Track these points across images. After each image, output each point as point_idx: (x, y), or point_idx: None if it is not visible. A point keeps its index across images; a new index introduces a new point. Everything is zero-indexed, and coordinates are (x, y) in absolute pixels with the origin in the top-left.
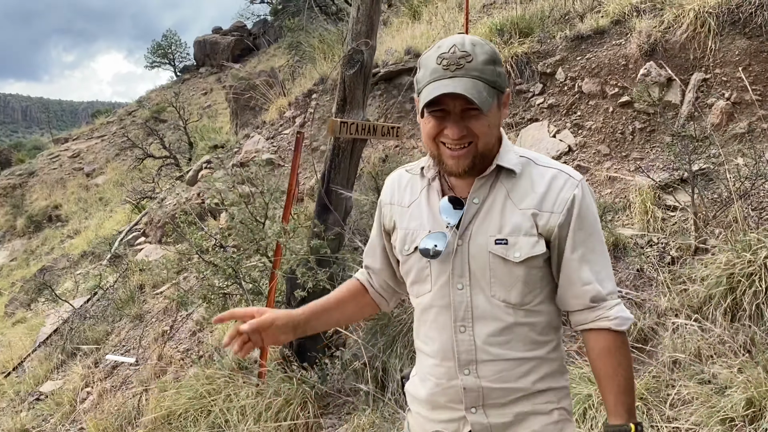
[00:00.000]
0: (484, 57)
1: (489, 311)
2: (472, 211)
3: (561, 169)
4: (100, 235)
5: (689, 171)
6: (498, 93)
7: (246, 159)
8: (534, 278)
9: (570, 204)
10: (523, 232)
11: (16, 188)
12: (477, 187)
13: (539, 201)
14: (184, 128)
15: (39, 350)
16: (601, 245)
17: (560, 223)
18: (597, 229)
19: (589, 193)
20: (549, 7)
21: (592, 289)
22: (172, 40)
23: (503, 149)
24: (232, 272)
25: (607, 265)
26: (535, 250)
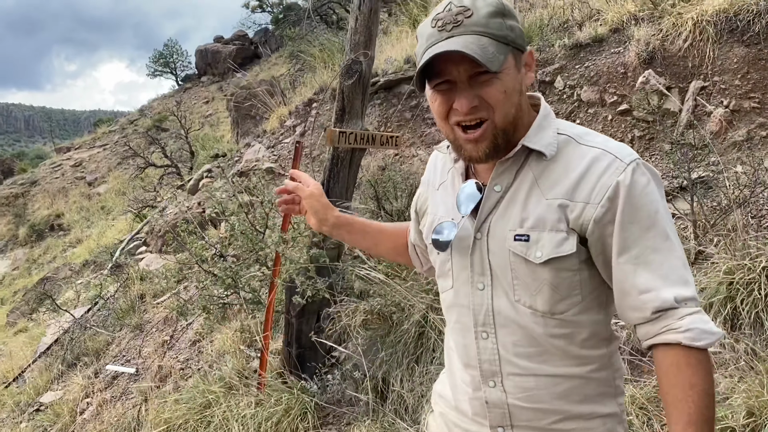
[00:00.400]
0: (487, 9)
1: (513, 317)
2: (492, 201)
3: (607, 148)
4: (101, 244)
5: (688, 179)
6: (513, 50)
7: (246, 168)
8: (566, 283)
9: (612, 193)
10: (548, 227)
11: (19, 197)
12: (499, 172)
13: (571, 188)
14: (185, 137)
15: (39, 360)
16: (667, 241)
17: (598, 217)
18: (660, 221)
19: (647, 177)
20: (548, 15)
21: (654, 298)
22: (173, 49)
23: (536, 125)
24: (231, 282)
25: (678, 265)
26: (561, 249)
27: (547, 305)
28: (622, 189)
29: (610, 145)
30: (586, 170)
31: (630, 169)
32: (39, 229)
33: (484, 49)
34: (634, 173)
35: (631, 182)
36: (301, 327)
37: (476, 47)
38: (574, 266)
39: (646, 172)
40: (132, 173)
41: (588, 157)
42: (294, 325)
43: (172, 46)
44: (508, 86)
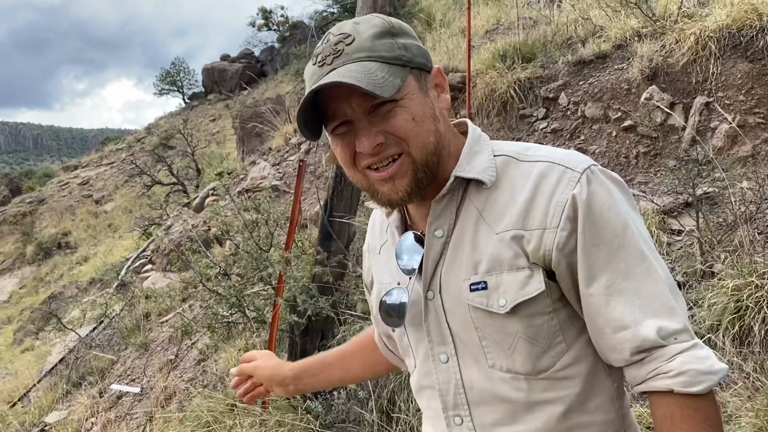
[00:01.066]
0: (372, 31)
1: (490, 390)
2: (436, 249)
3: (553, 159)
4: (108, 262)
5: (693, 195)
6: (414, 71)
7: (252, 186)
8: (544, 331)
9: (570, 211)
10: (506, 266)
11: (27, 216)
12: (436, 214)
13: (522, 215)
14: (192, 155)
15: (45, 380)
16: (643, 263)
17: (561, 244)
18: (631, 238)
19: (607, 187)
20: (551, 32)
21: (631, 336)
22: (180, 67)
23: (467, 151)
24: (236, 301)
25: (659, 291)
26: (527, 290)
27: (529, 363)
28: (580, 204)
29: (556, 155)
30: (535, 189)
31: (584, 178)
32: (46, 247)
33: (371, 75)
34: (591, 183)
35: (589, 194)
36: (305, 346)
37: (360, 74)
38: (547, 308)
39: (606, 179)
40: (139, 191)
41: (534, 174)
42: (298, 344)
43: (179, 64)
44: (416, 112)
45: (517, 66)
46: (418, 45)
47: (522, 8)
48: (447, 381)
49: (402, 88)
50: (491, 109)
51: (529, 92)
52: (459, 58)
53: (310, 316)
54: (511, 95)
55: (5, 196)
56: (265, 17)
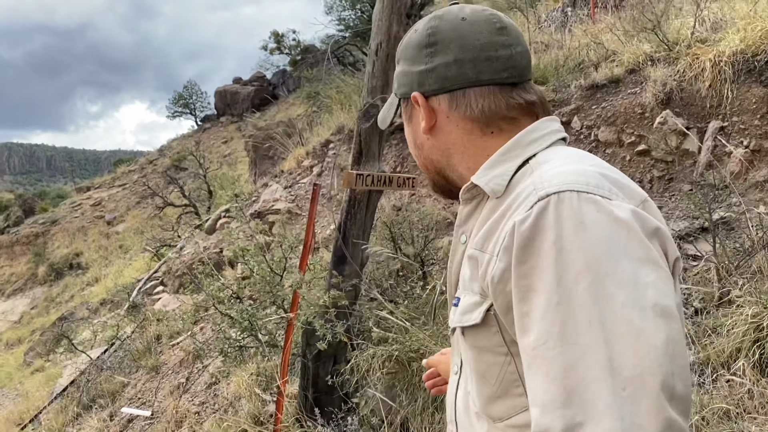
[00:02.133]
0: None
1: (464, 414)
2: (458, 256)
3: (536, 177)
4: (119, 283)
5: (710, 220)
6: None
7: (264, 208)
8: (495, 372)
9: (509, 240)
10: (467, 287)
11: (39, 236)
12: (462, 219)
13: (486, 234)
14: (204, 177)
15: (55, 402)
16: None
17: (495, 276)
18: (581, 295)
19: (574, 219)
20: (563, 56)
21: (537, 417)
22: (193, 90)
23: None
24: (248, 324)
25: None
26: (465, 317)
27: (480, 401)
28: (518, 235)
29: (548, 172)
30: (509, 207)
31: (540, 205)
32: (58, 268)
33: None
34: (546, 212)
35: (534, 225)
36: (317, 371)
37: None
38: (499, 348)
39: (581, 208)
40: (150, 212)
41: (518, 190)
42: (311, 368)
43: (191, 87)
44: (409, 139)
45: None
46: (407, 71)
47: (533, 32)
48: (451, 393)
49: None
50: None
51: None
52: None
53: (328, 341)
54: None
55: (18, 217)
56: (277, 41)
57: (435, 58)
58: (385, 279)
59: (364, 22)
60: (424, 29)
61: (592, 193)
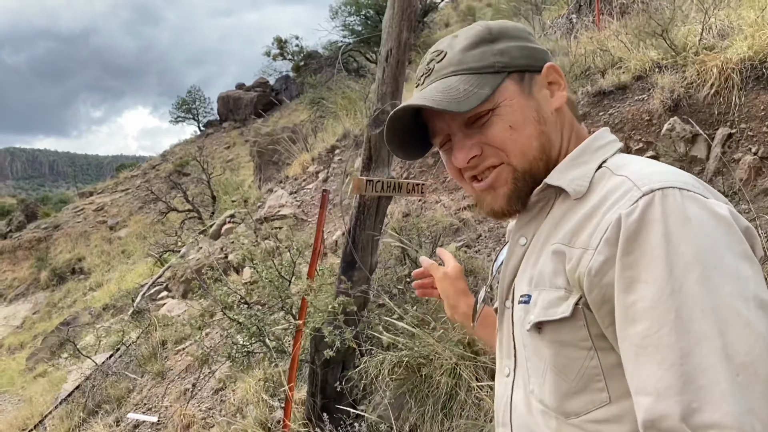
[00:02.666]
0: (465, 42)
1: (524, 417)
2: (516, 258)
3: (631, 174)
4: (122, 288)
5: None
6: (514, 74)
7: (269, 214)
8: (576, 368)
9: (613, 232)
10: (547, 283)
11: (42, 241)
12: (525, 221)
13: (573, 230)
14: (207, 182)
15: (60, 407)
16: (703, 320)
17: (593, 268)
18: (693, 285)
19: (680, 214)
20: (569, 63)
21: (648, 405)
22: (196, 95)
23: (568, 159)
24: (256, 330)
25: (717, 365)
26: (551, 311)
27: (554, 398)
28: (624, 228)
29: (643, 171)
30: (597, 206)
31: (646, 199)
32: (60, 273)
33: (451, 90)
34: (652, 206)
35: (642, 219)
36: (326, 377)
37: (436, 93)
38: (583, 342)
39: (685, 204)
40: (153, 218)
41: (607, 188)
42: (319, 374)
43: (194, 92)
44: (514, 119)
45: None
46: (523, 46)
47: (539, 39)
48: (501, 395)
49: (494, 96)
50: None
51: None
52: None
53: (336, 348)
54: None
55: (21, 222)
56: (280, 47)
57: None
58: (393, 284)
59: (369, 28)
60: (516, 24)
61: (691, 191)
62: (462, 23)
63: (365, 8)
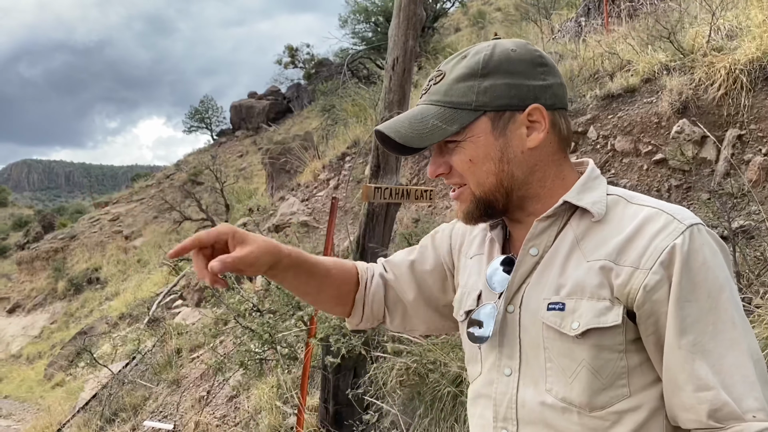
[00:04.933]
0: (459, 72)
1: (539, 414)
2: (527, 266)
3: (663, 208)
4: (138, 297)
5: (729, 229)
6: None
7: (282, 221)
8: (610, 368)
9: (667, 258)
10: (587, 294)
11: (58, 252)
12: (537, 232)
13: (618, 249)
14: (220, 191)
15: (78, 416)
16: (733, 330)
17: (649, 286)
18: (725, 304)
19: (709, 246)
20: (578, 66)
21: (712, 398)
22: (209, 105)
23: (580, 183)
24: (268, 337)
25: (743, 364)
26: (603, 319)
27: (585, 395)
28: (679, 255)
29: (666, 206)
30: (638, 230)
31: (689, 232)
32: (77, 283)
33: (419, 124)
34: (694, 239)
35: (690, 249)
36: (337, 383)
37: (408, 123)
38: (619, 346)
39: (711, 241)
40: (168, 227)
41: (640, 216)
42: (331, 381)
43: (207, 102)
44: (475, 154)
45: None
46: (513, 84)
47: (547, 43)
48: (504, 393)
49: (463, 131)
50: None
51: None
52: None
53: (343, 355)
54: None
55: (38, 233)
56: (291, 55)
57: (548, 78)
58: None
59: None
60: (530, 50)
61: (705, 226)
62: (472, 28)
63: (374, 15)
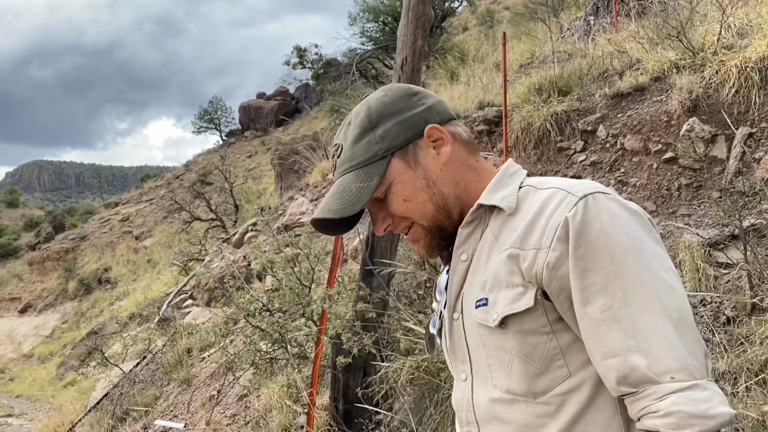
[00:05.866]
0: (351, 137)
1: (490, 410)
2: (460, 272)
3: (561, 185)
4: (148, 297)
5: (740, 227)
6: (396, 153)
7: (291, 221)
8: (540, 351)
9: (563, 232)
10: (504, 284)
11: (69, 252)
12: (462, 240)
13: (522, 235)
14: (230, 191)
15: (90, 415)
16: (643, 292)
17: (551, 263)
18: (631, 266)
19: (607, 212)
20: (587, 65)
21: (618, 364)
22: (218, 105)
23: (491, 185)
24: (278, 337)
25: (658, 325)
26: (516, 305)
27: (525, 383)
28: (572, 227)
29: (567, 183)
30: (539, 212)
31: (582, 203)
32: (87, 283)
33: (344, 195)
34: (588, 208)
35: (585, 218)
36: (347, 382)
37: (334, 200)
38: (543, 328)
39: (612, 206)
40: (178, 227)
41: (542, 198)
42: (341, 380)
43: (216, 102)
44: (406, 192)
45: (553, 99)
46: (401, 120)
47: (556, 42)
48: (461, 398)
49: (384, 179)
50: (528, 142)
51: (566, 125)
52: (494, 92)
53: (353, 354)
54: (548, 128)
55: (49, 233)
56: (299, 55)
57: (426, 101)
58: (413, 290)
59: (386, 35)
60: (398, 87)
61: (609, 194)
62: (480, 27)
63: (383, 15)
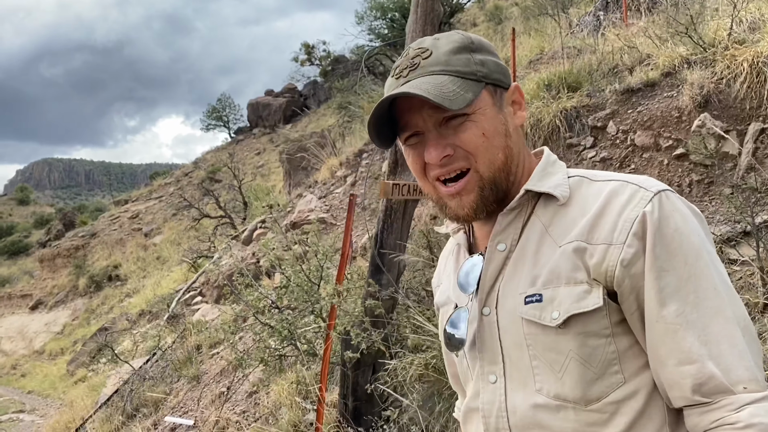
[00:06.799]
0: (450, 46)
1: (531, 417)
2: (497, 263)
3: (627, 179)
4: (158, 294)
5: (752, 224)
6: (489, 86)
7: (299, 219)
8: (599, 355)
9: (639, 227)
10: (563, 280)
11: (79, 249)
12: (502, 227)
13: (588, 228)
14: (238, 188)
15: (100, 411)
16: (715, 297)
17: (626, 260)
18: (704, 269)
19: (680, 212)
20: (597, 60)
21: (696, 371)
22: (226, 103)
23: (539, 169)
24: (288, 333)
25: (730, 333)
26: (583, 303)
27: (579, 388)
28: (650, 223)
29: (631, 177)
30: (605, 205)
31: (658, 199)
32: (97, 280)
33: (441, 87)
34: (664, 205)
35: (661, 216)
36: (357, 379)
37: (430, 86)
38: (605, 330)
39: (682, 204)
40: (187, 224)
41: (606, 191)
42: (350, 376)
43: (225, 100)
44: (487, 127)
45: (562, 95)
46: (497, 62)
47: (565, 38)
48: (491, 402)
49: (474, 102)
50: (537, 139)
51: (575, 121)
52: None
53: (362, 350)
54: (558, 124)
55: (59, 231)
56: (307, 52)
57: None
58: (422, 287)
59: (395, 32)
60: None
61: (674, 192)
62: (489, 23)
63: (391, 12)
